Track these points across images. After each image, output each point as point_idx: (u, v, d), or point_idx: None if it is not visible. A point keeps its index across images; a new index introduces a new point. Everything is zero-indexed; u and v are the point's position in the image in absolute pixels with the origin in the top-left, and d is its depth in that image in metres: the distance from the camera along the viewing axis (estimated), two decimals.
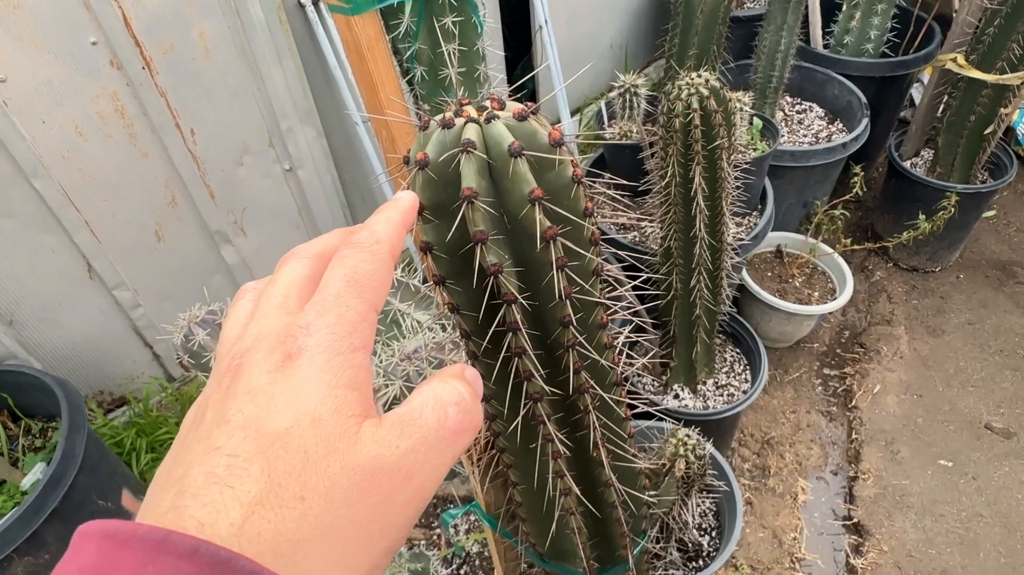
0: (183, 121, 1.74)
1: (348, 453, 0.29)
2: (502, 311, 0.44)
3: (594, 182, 0.61)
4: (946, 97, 2.17)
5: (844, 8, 2.40)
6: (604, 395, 0.52)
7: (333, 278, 0.33)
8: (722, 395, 1.78)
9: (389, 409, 0.36)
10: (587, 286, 0.47)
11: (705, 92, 1.23)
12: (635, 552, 0.68)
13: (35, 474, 1.53)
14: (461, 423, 0.33)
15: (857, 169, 2.10)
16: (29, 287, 1.72)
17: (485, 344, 0.48)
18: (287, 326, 0.31)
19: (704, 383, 1.80)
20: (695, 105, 1.23)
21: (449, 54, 1.22)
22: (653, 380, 1.83)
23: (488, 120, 0.41)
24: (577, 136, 2.79)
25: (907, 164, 2.33)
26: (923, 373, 2.18)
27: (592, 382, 0.50)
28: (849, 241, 2.16)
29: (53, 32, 1.48)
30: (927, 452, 1.99)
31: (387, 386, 0.82)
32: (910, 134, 2.35)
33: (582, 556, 0.64)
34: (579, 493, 0.57)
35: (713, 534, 1.56)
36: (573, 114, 2.81)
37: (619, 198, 2.02)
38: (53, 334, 1.82)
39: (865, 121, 2.16)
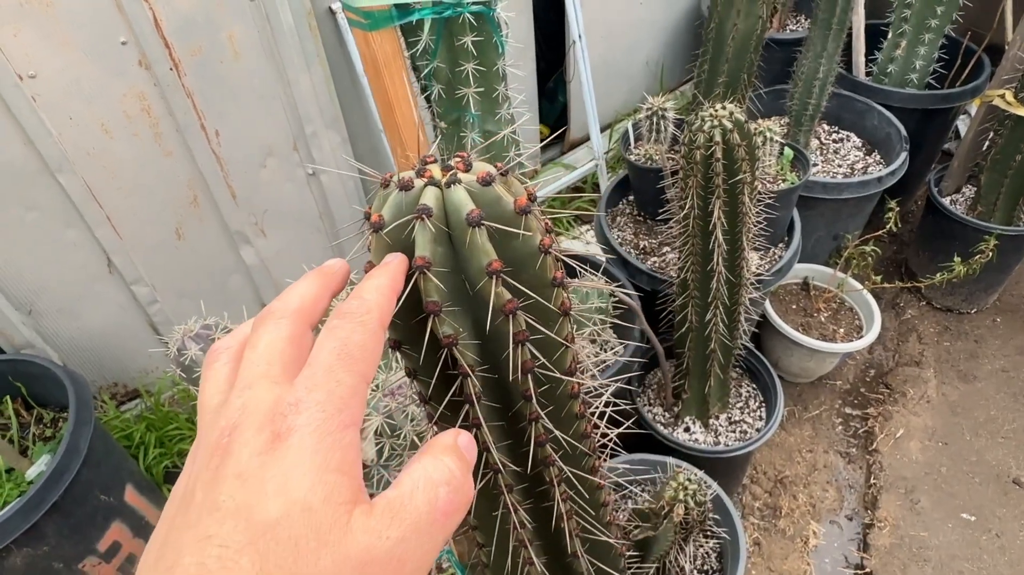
0: (208, 122, 1.75)
1: (339, 545, 0.29)
2: (458, 382, 0.42)
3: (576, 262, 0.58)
4: (992, 134, 2.09)
5: (889, 36, 2.32)
6: (572, 470, 0.49)
7: (323, 350, 0.32)
8: (734, 431, 1.73)
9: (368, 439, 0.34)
10: (553, 358, 0.44)
11: (729, 125, 1.18)
12: None
13: (40, 465, 1.55)
14: (452, 503, 0.32)
15: (892, 204, 2.03)
16: (50, 279, 1.74)
17: (442, 410, 0.45)
18: (276, 401, 0.31)
19: (717, 418, 1.75)
20: (717, 138, 1.19)
21: (467, 74, 1.20)
22: (664, 411, 1.78)
23: (449, 184, 0.38)
24: (607, 152, 2.76)
25: (946, 201, 2.24)
26: (950, 420, 2.09)
27: (558, 456, 0.47)
28: (879, 278, 2.08)
29: (84, 30, 1.49)
30: (949, 504, 1.91)
31: (367, 420, 0.80)
32: (952, 170, 2.26)
33: None
34: (543, 564, 0.54)
35: None
36: (604, 130, 2.77)
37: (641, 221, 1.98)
38: (71, 325, 1.85)
39: (904, 155, 2.09)
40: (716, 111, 1.20)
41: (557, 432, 0.46)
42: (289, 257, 2.15)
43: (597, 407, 0.53)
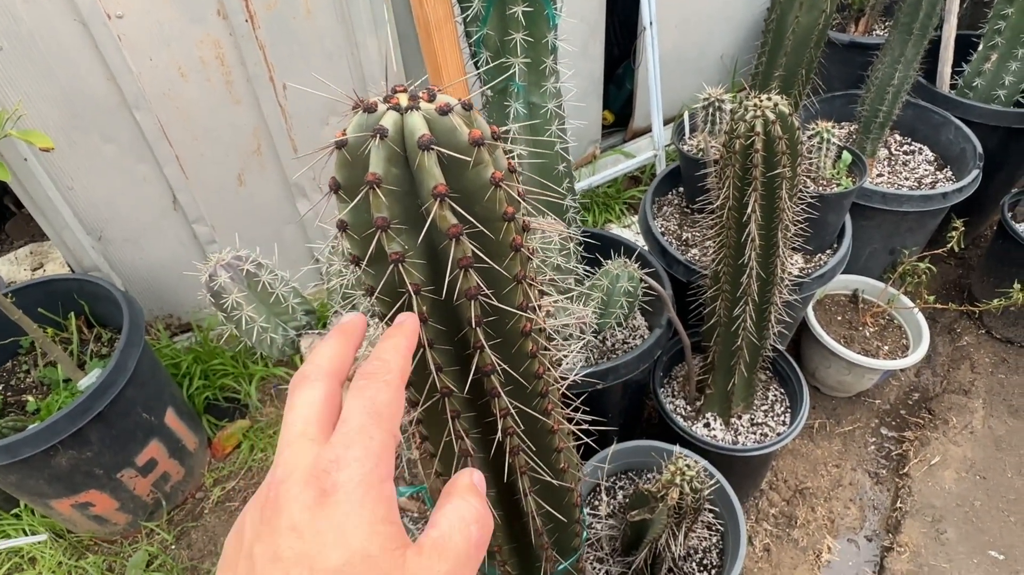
0: (277, 75, 1.83)
1: None
2: (403, 299, 0.45)
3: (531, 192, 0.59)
4: None
5: (980, 48, 2.20)
6: (521, 406, 0.51)
7: (354, 411, 0.36)
8: (755, 433, 1.71)
9: None
10: (503, 292, 0.47)
11: (771, 116, 1.16)
12: (559, 569, 0.67)
13: (91, 378, 1.68)
14: (483, 537, 0.37)
15: (958, 223, 1.94)
16: (120, 209, 1.87)
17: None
18: (316, 459, 0.34)
19: (739, 417, 1.73)
20: (758, 128, 1.17)
21: (516, 43, 1.22)
22: (686, 405, 1.77)
23: (408, 110, 0.41)
24: (668, 145, 2.73)
25: (1020, 227, 2.12)
26: (993, 454, 2.00)
27: (505, 388, 0.50)
28: (933, 299, 1.99)
29: None
30: (978, 539, 1.83)
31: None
32: None
33: (498, 559, 0.64)
34: (492, 497, 0.57)
35: (713, 572, 1.50)
36: (668, 122, 2.74)
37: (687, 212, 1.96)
38: (135, 255, 1.98)
39: (976, 172, 1.99)
40: (760, 101, 1.18)
41: (503, 365, 0.49)
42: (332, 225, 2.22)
43: (559, 375, 0.55)
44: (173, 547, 1.88)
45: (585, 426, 0.64)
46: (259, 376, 2.15)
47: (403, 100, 0.42)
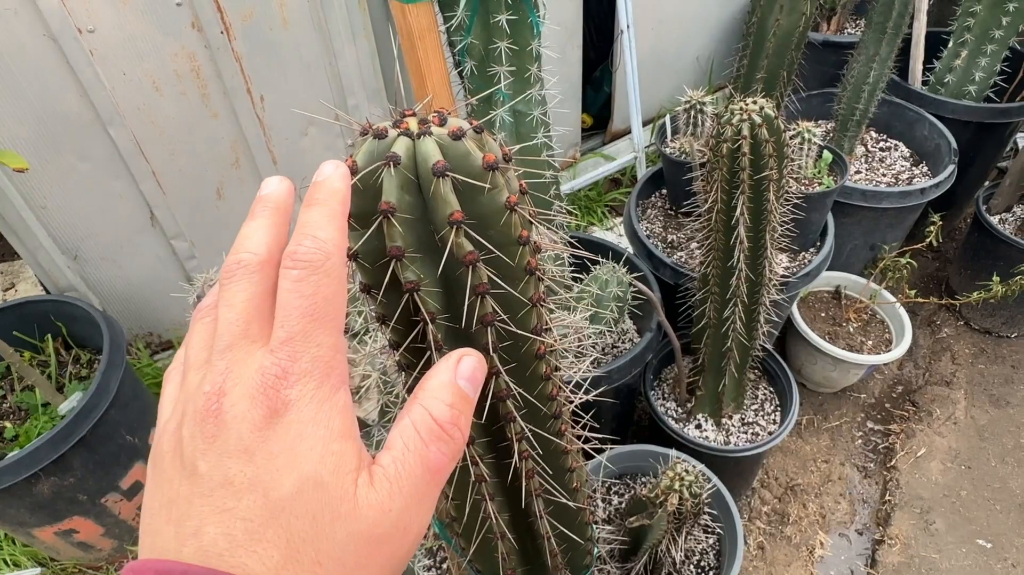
0: (254, 87, 1.81)
1: (350, 518, 0.31)
2: (419, 328, 0.44)
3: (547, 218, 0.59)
4: None
5: (950, 45, 2.24)
6: (534, 428, 0.51)
7: (293, 313, 0.31)
8: (746, 432, 1.71)
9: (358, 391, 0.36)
10: (517, 316, 0.46)
11: (758, 120, 1.17)
12: None
13: (72, 401, 1.63)
14: (444, 457, 0.33)
15: (935, 218, 1.97)
16: (96, 227, 1.82)
17: (411, 359, 0.47)
18: (262, 371, 0.31)
19: (730, 417, 1.73)
20: (745, 132, 1.18)
21: (501, 52, 1.21)
22: (677, 407, 1.78)
23: (420, 135, 0.40)
24: (648, 146, 2.74)
25: (994, 219, 2.16)
26: (976, 444, 2.03)
27: (520, 411, 0.49)
28: (914, 292, 2.02)
29: None
30: (965, 528, 1.86)
31: (366, 378, 0.83)
32: (1002, 187, 2.18)
33: None
34: (506, 520, 0.56)
35: (711, 574, 1.50)
36: (647, 124, 2.75)
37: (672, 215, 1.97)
38: (112, 274, 1.93)
39: (951, 168, 2.02)
40: (746, 105, 1.19)
41: (519, 390, 0.48)
42: None
43: (571, 388, 0.54)
44: None
45: (587, 435, 0.63)
46: None
47: (413, 125, 0.41)
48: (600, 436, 0.60)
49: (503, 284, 0.43)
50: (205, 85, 1.75)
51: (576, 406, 0.61)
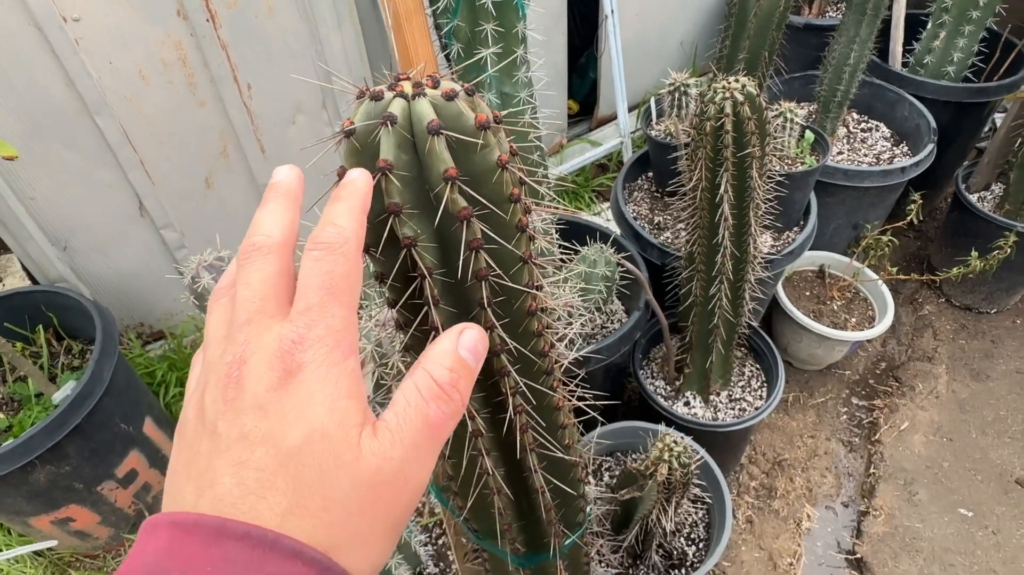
0: (241, 75, 1.81)
1: (354, 466, 0.33)
2: (416, 283, 0.46)
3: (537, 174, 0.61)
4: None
5: (929, 26, 2.28)
6: (529, 381, 0.53)
7: (312, 287, 0.35)
8: (734, 409, 1.75)
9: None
10: (510, 272, 0.48)
11: (740, 98, 1.20)
12: (566, 544, 0.69)
13: (65, 390, 1.64)
14: (443, 415, 0.36)
15: (916, 196, 2.01)
16: (85, 217, 1.82)
17: (408, 316, 0.49)
18: (280, 338, 0.34)
19: (717, 394, 1.77)
20: (728, 110, 1.20)
21: (487, 34, 1.23)
22: (666, 385, 1.81)
23: (415, 96, 0.42)
24: (634, 132, 2.76)
25: (973, 197, 2.21)
26: (958, 416, 2.08)
27: (513, 366, 0.51)
28: (896, 270, 2.07)
29: None
30: (947, 498, 1.91)
31: (361, 351, 0.84)
32: (981, 166, 2.22)
33: (507, 538, 0.65)
34: (501, 476, 0.58)
35: (701, 545, 1.54)
36: (633, 109, 2.77)
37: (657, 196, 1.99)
38: (102, 264, 1.93)
39: (931, 147, 2.06)
40: (729, 84, 1.21)
41: (513, 344, 0.50)
42: (314, 217, 2.21)
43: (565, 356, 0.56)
44: None
45: (584, 403, 0.66)
46: None
47: (408, 88, 0.43)
48: (592, 394, 0.62)
49: (497, 239, 0.45)
50: (192, 74, 1.75)
51: (568, 381, 0.63)
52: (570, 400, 0.60)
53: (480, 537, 0.70)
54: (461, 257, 0.44)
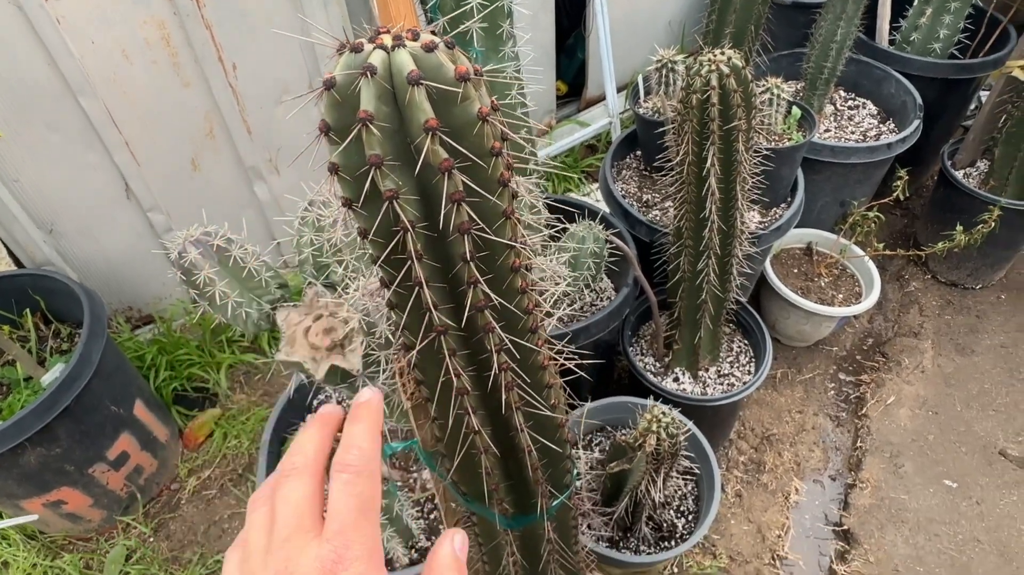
0: (226, 55, 1.79)
1: None
2: (399, 237, 0.46)
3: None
4: (1009, 106, 2.06)
5: (915, 3, 2.28)
6: (514, 338, 0.53)
7: (345, 508, 0.40)
8: (723, 384, 1.77)
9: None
10: (493, 227, 0.48)
11: (726, 70, 1.20)
12: (554, 505, 0.70)
13: (54, 373, 1.64)
14: None
15: (902, 172, 2.02)
16: (70, 200, 1.81)
17: (392, 272, 0.50)
18: (319, 560, 0.37)
19: (706, 370, 1.78)
20: (714, 82, 1.20)
21: (472, 8, 1.22)
22: (655, 361, 1.82)
23: (395, 48, 0.42)
24: (623, 112, 2.76)
25: (959, 174, 2.22)
26: (943, 390, 2.11)
27: (498, 323, 0.51)
28: (882, 246, 2.08)
29: None
30: (933, 470, 1.94)
31: (347, 321, 0.85)
32: (967, 142, 2.24)
33: (495, 499, 0.66)
34: (488, 435, 0.59)
35: (690, 517, 1.56)
36: (621, 90, 2.76)
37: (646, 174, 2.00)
38: (89, 248, 1.92)
39: (917, 123, 2.07)
40: (715, 56, 1.21)
41: (498, 299, 0.51)
42: (301, 196, 2.20)
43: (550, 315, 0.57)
44: (152, 539, 1.86)
45: (572, 363, 0.66)
46: (227, 364, 2.13)
47: (387, 40, 0.43)
48: (579, 352, 0.63)
49: (479, 193, 0.45)
50: (176, 53, 1.73)
51: (555, 342, 0.64)
52: (555, 360, 0.61)
53: (469, 500, 0.71)
54: (443, 210, 0.45)
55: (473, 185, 0.45)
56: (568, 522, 0.77)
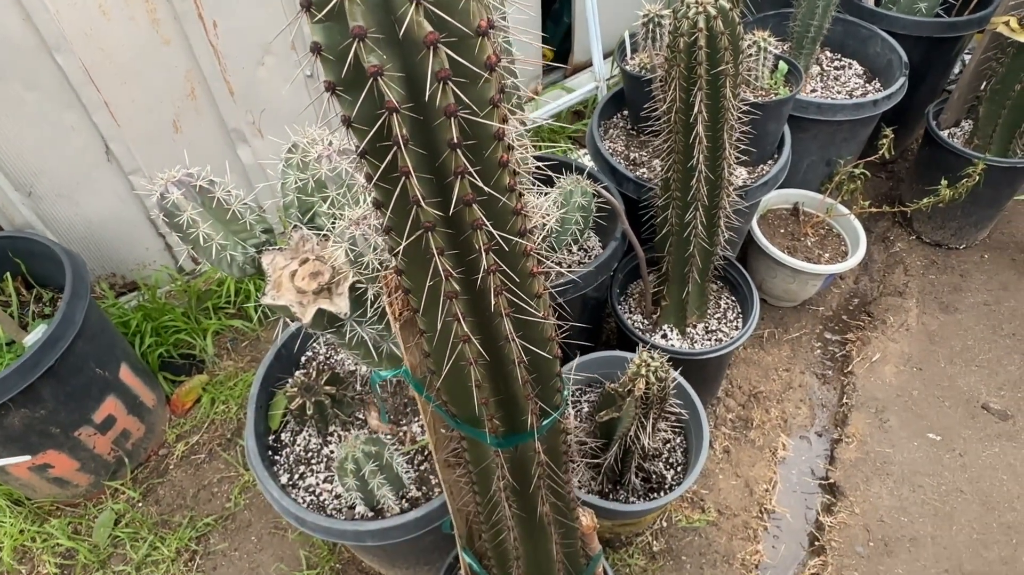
0: (206, 12, 1.76)
1: None
2: (383, 119, 0.45)
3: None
4: (993, 63, 2.06)
5: None
6: (502, 235, 0.53)
7: None
8: (710, 340, 1.77)
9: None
10: (481, 112, 0.47)
11: (713, 12, 1.19)
12: (544, 425, 0.70)
13: (36, 334, 1.62)
14: None
15: (888, 131, 2.02)
16: (49, 162, 1.78)
17: (376, 163, 0.49)
18: None
19: (694, 326, 1.79)
20: (701, 24, 1.20)
21: None
22: (644, 319, 1.82)
23: None
24: (609, 78, 2.74)
25: (944, 133, 2.23)
26: (927, 347, 2.13)
27: (486, 220, 0.51)
28: (867, 204, 2.09)
29: None
30: (917, 424, 1.96)
31: (335, 247, 0.84)
32: (951, 102, 2.24)
33: (485, 415, 0.66)
34: (478, 343, 0.59)
35: (679, 468, 1.57)
36: (607, 56, 2.74)
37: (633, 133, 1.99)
38: (70, 211, 1.89)
39: (902, 80, 2.07)
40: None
41: (487, 189, 0.50)
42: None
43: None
44: (140, 504, 1.85)
45: (559, 268, 0.66)
46: (213, 330, 2.11)
47: None
48: (564, 270, 0.62)
49: (466, 74, 0.45)
50: (154, 10, 1.70)
51: (544, 257, 0.63)
52: (547, 263, 0.60)
53: (459, 422, 0.71)
54: (427, 89, 0.44)
55: (460, 61, 0.44)
56: (559, 446, 0.77)
